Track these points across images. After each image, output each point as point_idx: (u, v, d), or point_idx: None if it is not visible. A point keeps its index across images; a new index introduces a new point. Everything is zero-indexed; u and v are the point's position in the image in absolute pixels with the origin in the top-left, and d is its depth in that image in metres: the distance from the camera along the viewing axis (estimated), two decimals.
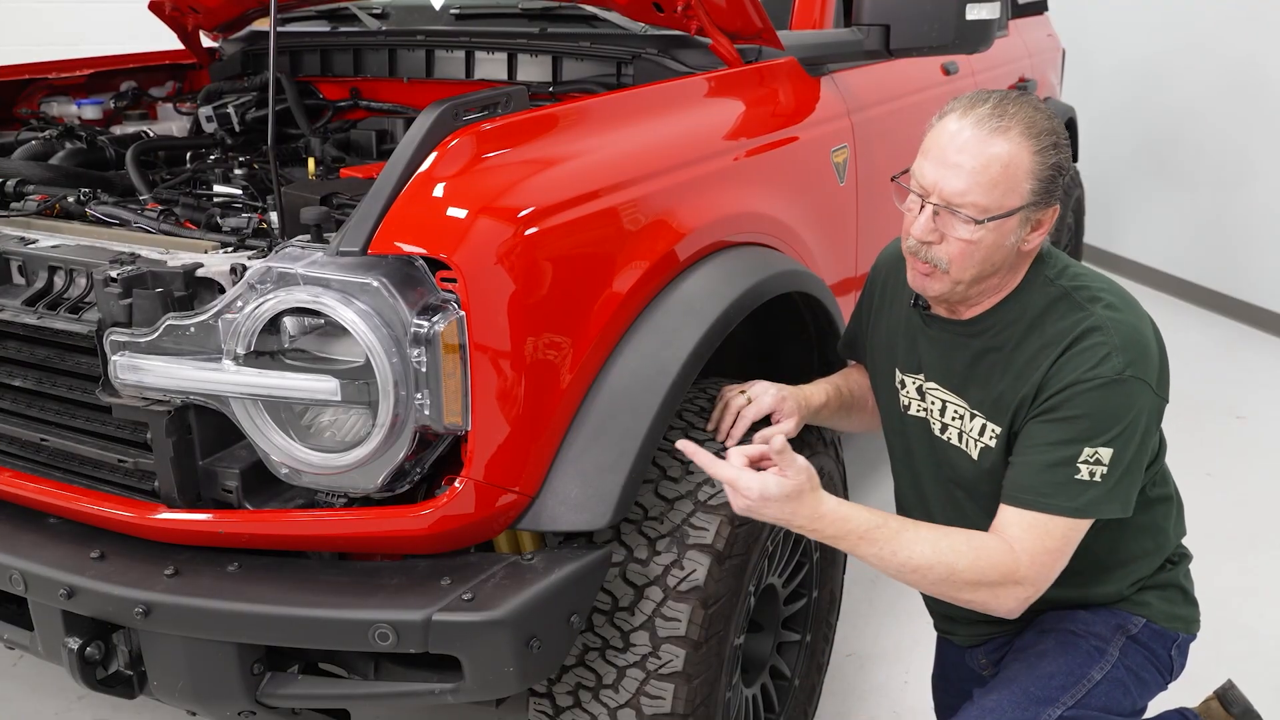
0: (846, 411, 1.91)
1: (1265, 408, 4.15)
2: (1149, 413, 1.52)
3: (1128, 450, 1.50)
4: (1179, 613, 1.70)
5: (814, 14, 2.51)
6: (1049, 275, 1.58)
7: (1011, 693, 1.60)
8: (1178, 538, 1.74)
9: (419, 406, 1.38)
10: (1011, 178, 1.46)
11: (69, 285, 1.62)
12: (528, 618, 1.41)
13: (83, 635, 1.50)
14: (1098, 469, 1.48)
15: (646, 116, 1.85)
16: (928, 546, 1.48)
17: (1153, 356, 1.52)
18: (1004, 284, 1.59)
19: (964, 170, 1.47)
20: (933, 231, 1.51)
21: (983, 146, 1.46)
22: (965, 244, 1.50)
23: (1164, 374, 1.55)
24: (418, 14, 2.63)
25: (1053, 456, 1.50)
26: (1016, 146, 1.46)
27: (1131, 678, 1.64)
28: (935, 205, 1.50)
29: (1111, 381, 1.48)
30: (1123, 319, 1.52)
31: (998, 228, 1.48)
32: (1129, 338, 1.50)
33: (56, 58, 2.63)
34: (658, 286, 1.67)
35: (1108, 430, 1.48)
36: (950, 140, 1.49)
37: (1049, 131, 1.49)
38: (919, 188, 1.53)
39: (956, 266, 1.52)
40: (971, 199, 1.47)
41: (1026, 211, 1.49)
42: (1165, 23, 5.50)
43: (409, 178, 1.45)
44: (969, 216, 1.47)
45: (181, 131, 2.57)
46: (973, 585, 1.48)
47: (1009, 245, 1.51)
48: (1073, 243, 4.72)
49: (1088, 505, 1.50)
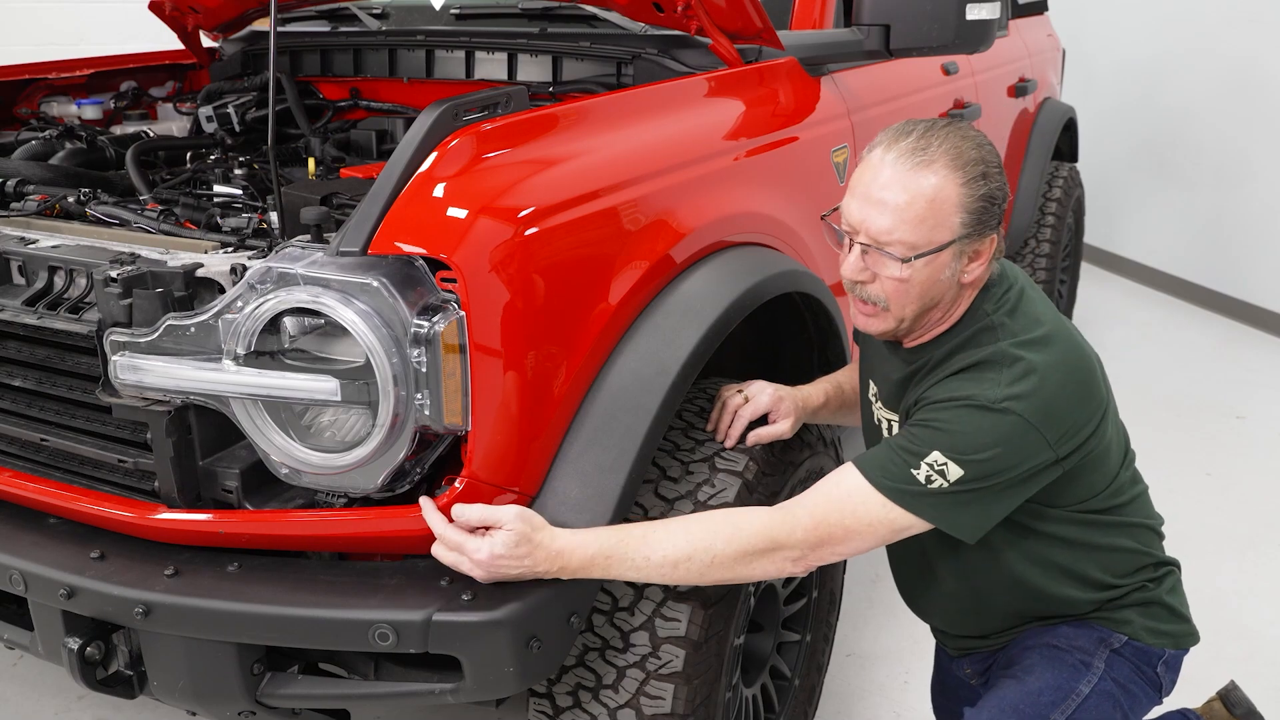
0: (847, 410, 1.91)
1: (1265, 408, 4.15)
2: (1027, 464, 1.44)
3: (984, 482, 1.43)
4: (1164, 629, 1.65)
5: (814, 14, 2.51)
6: (987, 309, 1.53)
7: (1002, 710, 1.60)
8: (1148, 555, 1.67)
9: (419, 406, 1.38)
10: (939, 212, 1.43)
11: (69, 285, 1.62)
12: (528, 618, 1.41)
13: (83, 635, 1.50)
14: (938, 479, 1.43)
15: (646, 116, 1.85)
16: (680, 538, 1.46)
17: (1053, 403, 1.44)
18: (948, 316, 1.55)
19: (888, 207, 1.44)
20: (863, 270, 1.49)
21: (907, 182, 1.43)
22: (897, 282, 1.47)
23: (1070, 425, 1.46)
24: (418, 14, 2.63)
25: (899, 443, 1.47)
26: (942, 180, 1.43)
27: (1120, 690, 1.62)
28: (863, 244, 1.48)
29: (982, 408, 1.42)
30: (1028, 356, 1.45)
31: (929, 263, 1.45)
32: (1024, 376, 1.43)
33: (56, 58, 2.63)
34: (658, 287, 1.67)
35: (964, 452, 1.42)
36: (874, 177, 1.46)
37: (976, 161, 1.45)
38: (847, 226, 1.50)
39: (895, 304, 1.50)
40: (898, 236, 1.44)
41: (959, 245, 1.46)
42: (1165, 23, 5.50)
43: (409, 178, 1.45)
44: (896, 255, 1.44)
45: (181, 131, 2.57)
46: (743, 558, 1.46)
47: (945, 279, 1.48)
48: (1073, 243, 4.72)
49: (910, 498, 1.44)
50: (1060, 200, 4.29)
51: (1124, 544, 1.64)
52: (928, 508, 1.46)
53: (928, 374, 1.56)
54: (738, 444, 1.74)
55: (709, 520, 1.50)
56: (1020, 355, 1.46)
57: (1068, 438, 1.47)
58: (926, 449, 1.44)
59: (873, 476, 1.47)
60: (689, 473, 1.69)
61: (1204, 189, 5.35)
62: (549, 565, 1.42)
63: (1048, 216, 4.25)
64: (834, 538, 1.48)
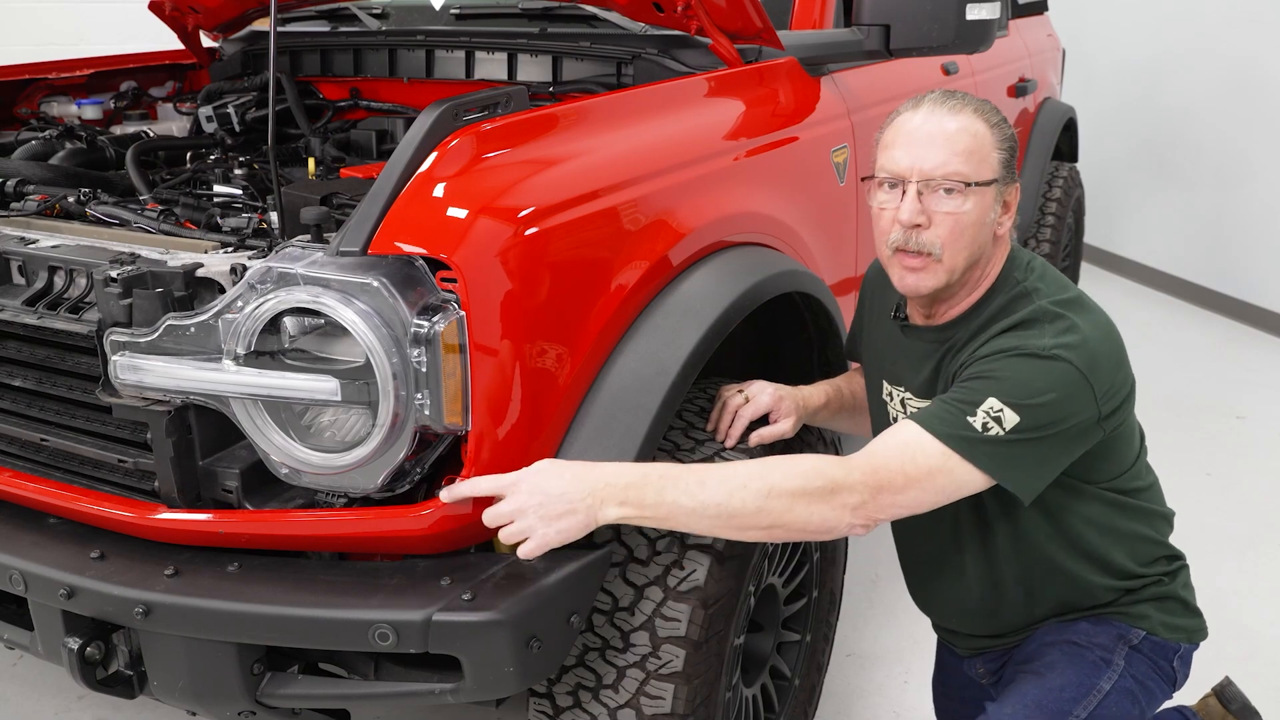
0: (847, 414, 1.91)
1: (1265, 408, 4.15)
2: (1076, 416, 1.46)
3: (1039, 432, 1.44)
4: (1179, 623, 1.69)
5: (814, 14, 2.51)
6: (1017, 276, 1.61)
7: (1025, 705, 1.60)
8: (1163, 545, 1.71)
9: (419, 406, 1.38)
10: (981, 148, 1.53)
11: (69, 285, 1.62)
12: (528, 618, 1.41)
13: (83, 635, 1.50)
14: (995, 426, 1.44)
15: (646, 116, 1.85)
16: (731, 469, 1.43)
17: (1097, 358, 1.48)
18: (982, 279, 1.61)
19: (937, 144, 1.52)
20: (920, 214, 1.53)
21: (947, 123, 1.53)
22: (954, 219, 1.52)
23: (1110, 384, 1.50)
24: (418, 14, 2.63)
25: (956, 395, 1.49)
26: (975, 121, 1.54)
27: (1139, 687, 1.64)
28: (918, 185, 1.53)
29: (1034, 355, 1.46)
30: (1070, 316, 1.51)
31: (979, 200, 1.52)
32: (1069, 330, 1.49)
33: (56, 58, 2.63)
34: (658, 286, 1.67)
35: (1020, 397, 1.44)
36: (916, 127, 1.55)
37: (995, 110, 1.58)
38: (894, 176, 1.56)
39: (949, 249, 1.53)
40: (953, 168, 1.51)
41: (999, 187, 1.55)
42: (1165, 23, 5.50)
43: (409, 178, 1.45)
44: (954, 184, 1.51)
45: (181, 131, 2.57)
46: (801, 496, 1.40)
47: (989, 223, 1.55)
48: (1073, 243, 4.72)
49: (968, 445, 1.44)
50: (1060, 200, 4.29)
51: (1145, 532, 1.67)
52: (984, 456, 1.45)
53: (965, 345, 1.58)
54: (739, 444, 1.74)
55: (761, 460, 1.47)
56: (1062, 313, 1.51)
57: (1110, 396, 1.50)
58: (981, 397, 1.46)
59: (930, 425, 1.47)
60: None
61: (1204, 189, 5.35)
62: (592, 499, 1.39)
63: (1048, 216, 4.25)
64: (894, 484, 1.45)
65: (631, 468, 1.44)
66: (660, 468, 1.45)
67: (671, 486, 1.41)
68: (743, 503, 1.40)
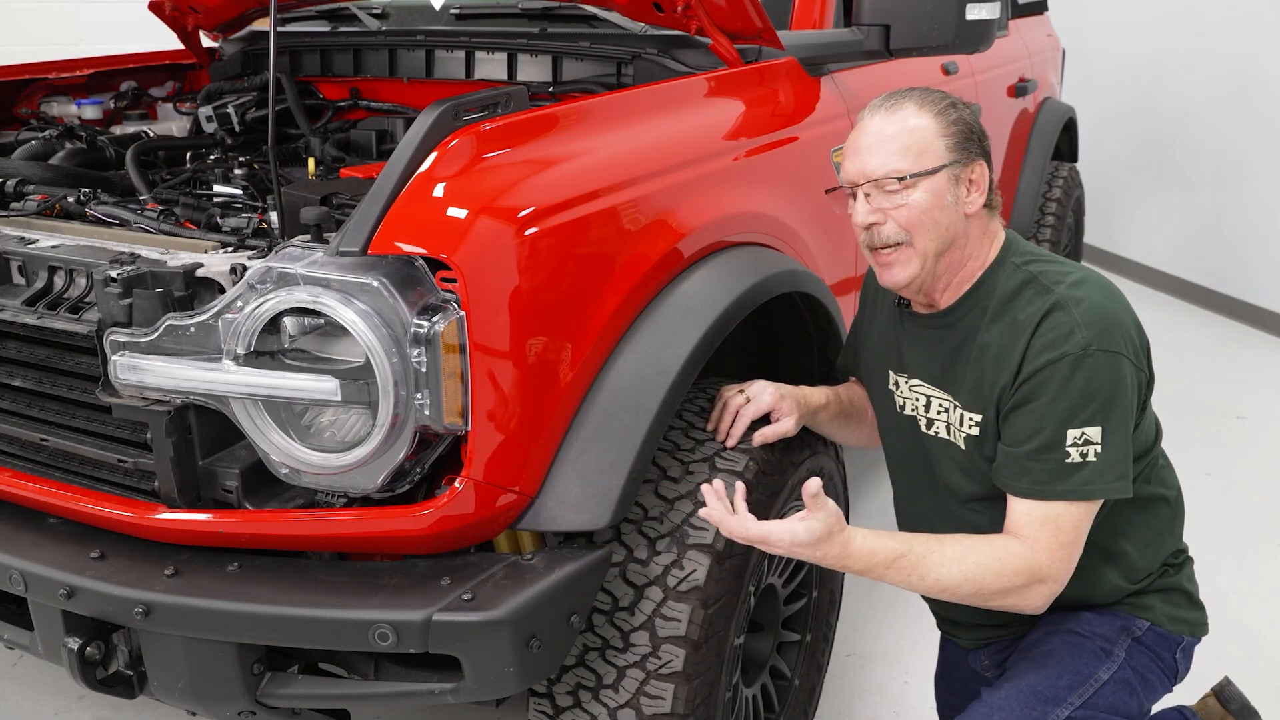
0: (845, 420, 1.92)
1: (1265, 408, 4.15)
2: (1128, 384, 1.53)
3: (1112, 424, 1.51)
4: (1183, 616, 1.71)
5: (814, 14, 2.51)
6: (1015, 261, 1.63)
7: (1019, 691, 1.61)
8: (1175, 541, 1.74)
9: (419, 406, 1.38)
10: (921, 140, 1.57)
11: (69, 285, 1.62)
12: (528, 618, 1.41)
13: (83, 635, 1.50)
14: (1089, 449, 1.50)
15: (646, 116, 1.85)
16: (955, 567, 1.51)
17: (1123, 329, 1.53)
18: (968, 263, 1.63)
19: (875, 149, 1.59)
20: (873, 213, 1.60)
21: (885, 127, 1.60)
22: (906, 209, 1.57)
23: (1140, 347, 1.57)
24: (418, 14, 2.63)
25: (1039, 442, 1.52)
26: (914, 115, 1.59)
27: (1138, 679, 1.65)
28: (865, 188, 1.60)
29: (1079, 358, 1.50)
30: (1086, 295, 1.54)
31: (927, 188, 1.56)
32: (1093, 312, 1.52)
33: (56, 58, 2.63)
34: (658, 286, 1.67)
35: (1086, 408, 1.50)
36: (859, 137, 1.63)
37: (941, 97, 1.63)
38: (848, 184, 1.63)
39: (914, 232, 1.58)
40: (892, 166, 1.57)
41: (950, 170, 1.57)
42: (1165, 23, 5.50)
43: (409, 178, 1.45)
44: (893, 181, 1.56)
45: (181, 131, 2.57)
46: (1001, 594, 1.52)
47: (949, 205, 1.58)
48: (1073, 243, 4.72)
49: (1086, 486, 1.51)
50: (1060, 200, 4.29)
51: (1162, 512, 1.70)
52: (1100, 480, 1.51)
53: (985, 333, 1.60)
54: (741, 443, 1.74)
55: (980, 552, 1.52)
56: (1079, 296, 1.54)
57: (1143, 354, 1.58)
58: (1060, 435, 1.50)
59: (1048, 492, 1.52)
60: (689, 473, 1.69)
61: (1204, 189, 5.35)
62: (833, 562, 1.50)
63: (1047, 216, 4.25)
64: (1072, 556, 1.54)
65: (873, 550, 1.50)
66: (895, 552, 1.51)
67: (895, 574, 1.52)
68: (952, 596, 1.54)
